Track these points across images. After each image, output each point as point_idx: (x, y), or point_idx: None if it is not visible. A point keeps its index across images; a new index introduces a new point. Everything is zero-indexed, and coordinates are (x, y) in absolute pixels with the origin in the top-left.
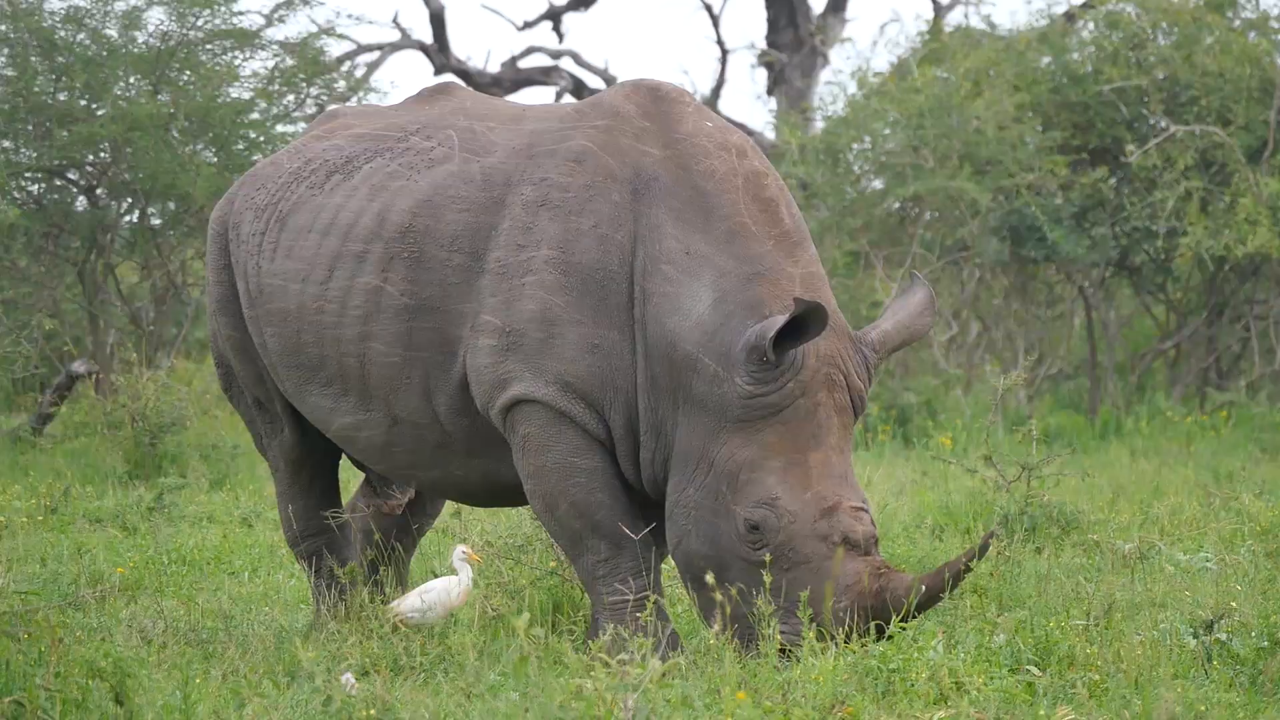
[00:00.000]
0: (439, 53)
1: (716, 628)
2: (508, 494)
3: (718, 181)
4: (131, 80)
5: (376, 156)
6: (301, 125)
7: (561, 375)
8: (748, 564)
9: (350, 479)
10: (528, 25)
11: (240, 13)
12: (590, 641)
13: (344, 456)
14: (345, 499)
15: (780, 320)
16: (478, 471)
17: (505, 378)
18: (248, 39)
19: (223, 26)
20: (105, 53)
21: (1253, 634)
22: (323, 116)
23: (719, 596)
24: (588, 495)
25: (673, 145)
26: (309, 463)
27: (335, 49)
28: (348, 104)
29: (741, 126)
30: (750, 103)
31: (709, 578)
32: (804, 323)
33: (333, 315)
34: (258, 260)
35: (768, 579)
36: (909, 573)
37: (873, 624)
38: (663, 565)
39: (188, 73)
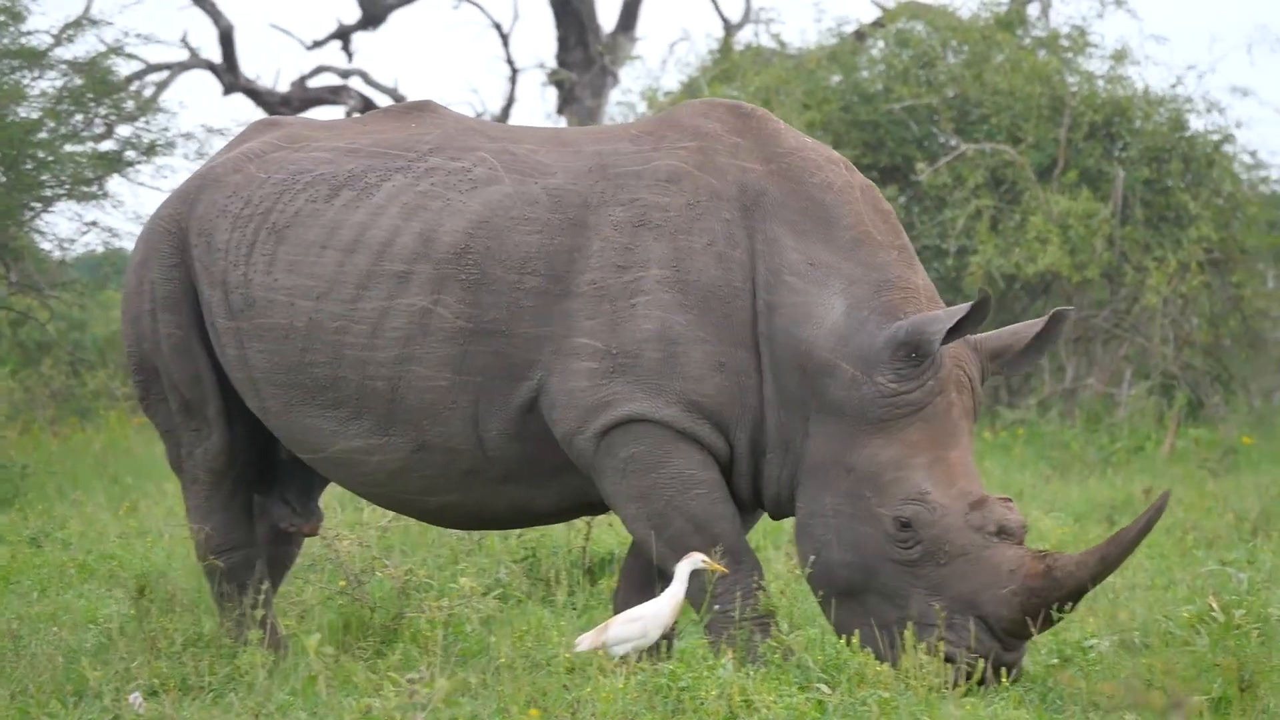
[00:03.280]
0: (228, 72)
1: (858, 641)
2: (524, 520)
3: (837, 193)
4: None
5: (394, 174)
6: (90, 145)
7: (687, 394)
8: (898, 566)
9: None
10: (317, 44)
11: (28, 32)
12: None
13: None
14: None
15: (959, 310)
16: (505, 498)
17: (610, 399)
18: (36, 58)
19: (11, 46)
20: None
21: (1042, 651)
22: (259, 125)
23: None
24: (710, 506)
25: (776, 160)
26: (231, 475)
27: (124, 68)
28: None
29: None
30: (540, 122)
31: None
32: (973, 315)
33: (360, 336)
34: (245, 272)
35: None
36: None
37: (1042, 609)
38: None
39: None
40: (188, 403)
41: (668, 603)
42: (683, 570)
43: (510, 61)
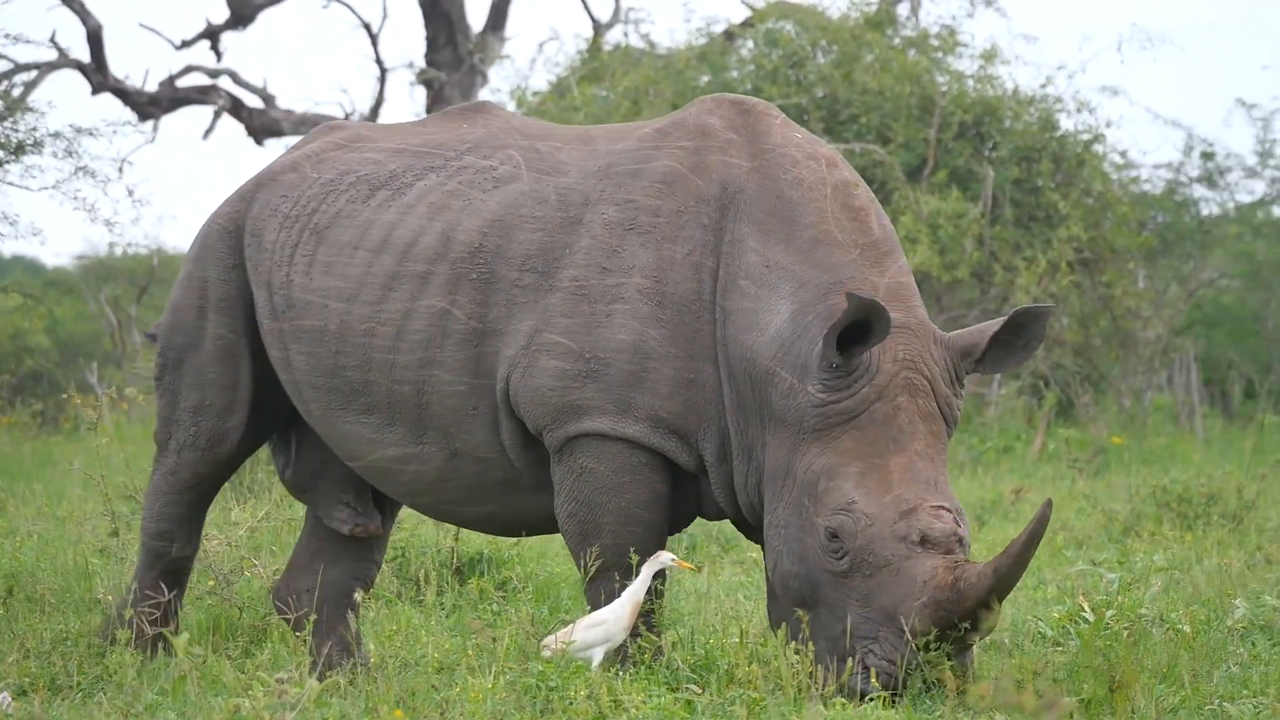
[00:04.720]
0: (96, 71)
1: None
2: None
3: (805, 190)
4: None
5: (429, 173)
6: None
7: (654, 411)
8: (834, 577)
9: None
10: (186, 44)
11: None
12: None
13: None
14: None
15: (836, 323)
16: (541, 509)
17: (579, 404)
18: None
19: None
20: None
21: None
22: (324, 128)
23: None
24: (640, 543)
25: (760, 156)
26: (212, 480)
27: None
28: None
29: None
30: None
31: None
32: (866, 323)
33: (386, 339)
34: (288, 272)
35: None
36: (980, 562)
37: (951, 622)
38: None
39: None
40: (207, 406)
41: (627, 604)
42: (647, 571)
43: (379, 61)
